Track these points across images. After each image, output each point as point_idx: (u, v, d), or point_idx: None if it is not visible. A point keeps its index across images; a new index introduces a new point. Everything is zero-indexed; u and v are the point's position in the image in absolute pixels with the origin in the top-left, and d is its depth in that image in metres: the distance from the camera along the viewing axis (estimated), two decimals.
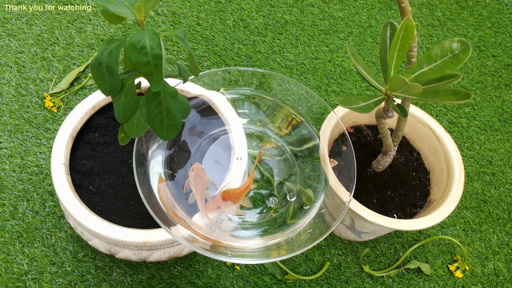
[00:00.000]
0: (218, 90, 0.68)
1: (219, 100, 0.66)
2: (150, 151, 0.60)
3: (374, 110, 0.54)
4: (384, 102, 0.52)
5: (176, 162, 0.62)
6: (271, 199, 0.65)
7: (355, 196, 0.67)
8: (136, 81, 0.48)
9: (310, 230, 0.58)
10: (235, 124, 0.64)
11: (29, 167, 0.74)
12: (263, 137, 0.70)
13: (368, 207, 0.66)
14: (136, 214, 0.59)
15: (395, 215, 0.67)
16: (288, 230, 0.59)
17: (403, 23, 0.45)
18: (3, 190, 0.71)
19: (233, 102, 0.70)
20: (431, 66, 0.46)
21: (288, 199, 0.64)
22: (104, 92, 0.44)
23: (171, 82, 0.64)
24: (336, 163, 0.65)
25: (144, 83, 0.55)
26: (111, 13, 0.41)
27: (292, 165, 0.68)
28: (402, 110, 0.50)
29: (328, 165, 0.64)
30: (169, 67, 0.89)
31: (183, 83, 0.64)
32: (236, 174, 0.60)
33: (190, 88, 0.66)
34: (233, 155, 0.62)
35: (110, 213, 0.58)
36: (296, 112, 0.69)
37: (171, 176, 0.61)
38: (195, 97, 0.66)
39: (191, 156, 0.64)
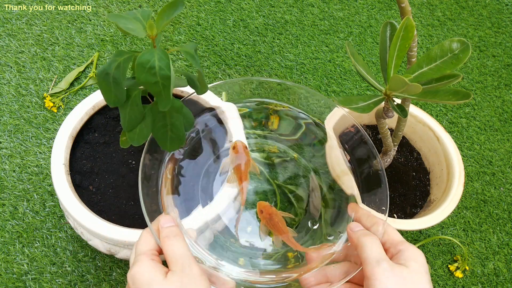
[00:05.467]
0: (235, 103, 0.61)
1: (230, 112, 0.61)
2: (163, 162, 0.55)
3: (374, 110, 0.54)
4: (384, 102, 0.52)
5: (183, 181, 0.57)
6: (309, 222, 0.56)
7: None
8: None
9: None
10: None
11: (29, 167, 0.74)
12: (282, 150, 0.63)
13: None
14: (136, 214, 0.59)
15: (395, 215, 0.67)
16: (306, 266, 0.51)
17: (402, 23, 0.45)
18: (3, 190, 0.72)
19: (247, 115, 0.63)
20: (431, 66, 0.46)
21: (310, 226, 0.56)
22: (108, 102, 0.44)
23: (187, 90, 0.62)
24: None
25: None
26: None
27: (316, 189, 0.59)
28: (402, 110, 0.50)
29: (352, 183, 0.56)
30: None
31: (198, 94, 0.59)
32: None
33: (208, 98, 0.62)
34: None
35: (110, 213, 0.58)
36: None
37: (176, 190, 0.56)
38: (209, 109, 0.61)
39: (201, 172, 0.57)
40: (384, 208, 0.51)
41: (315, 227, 0.56)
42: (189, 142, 0.58)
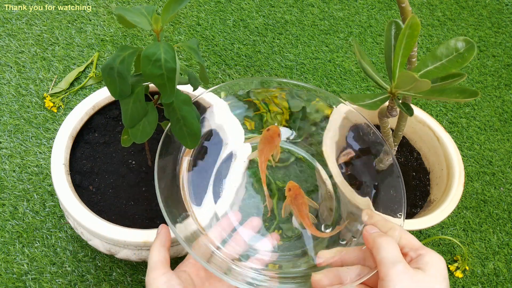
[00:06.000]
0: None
1: (227, 112, 0.61)
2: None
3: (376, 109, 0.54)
4: (388, 100, 0.52)
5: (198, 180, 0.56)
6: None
7: None
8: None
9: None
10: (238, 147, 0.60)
11: (29, 167, 0.74)
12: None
13: None
14: (136, 214, 0.59)
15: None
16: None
17: (408, 21, 0.45)
18: (3, 190, 0.71)
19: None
20: (436, 65, 0.46)
21: (323, 230, 0.55)
22: (113, 95, 0.44)
23: (196, 91, 0.62)
24: (353, 153, 0.60)
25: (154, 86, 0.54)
26: (127, 21, 0.41)
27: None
28: (408, 109, 0.49)
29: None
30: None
31: (193, 90, 0.57)
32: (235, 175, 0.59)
33: (207, 96, 0.62)
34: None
35: (110, 213, 0.58)
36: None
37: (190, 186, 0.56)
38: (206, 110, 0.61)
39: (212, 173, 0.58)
40: (400, 214, 0.51)
41: (328, 230, 0.55)
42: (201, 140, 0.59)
